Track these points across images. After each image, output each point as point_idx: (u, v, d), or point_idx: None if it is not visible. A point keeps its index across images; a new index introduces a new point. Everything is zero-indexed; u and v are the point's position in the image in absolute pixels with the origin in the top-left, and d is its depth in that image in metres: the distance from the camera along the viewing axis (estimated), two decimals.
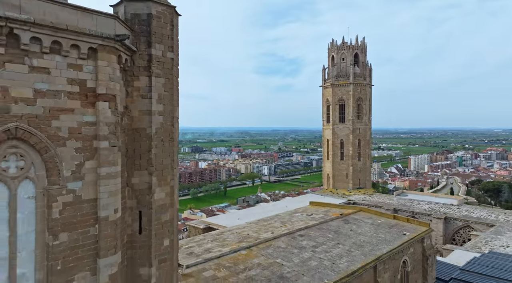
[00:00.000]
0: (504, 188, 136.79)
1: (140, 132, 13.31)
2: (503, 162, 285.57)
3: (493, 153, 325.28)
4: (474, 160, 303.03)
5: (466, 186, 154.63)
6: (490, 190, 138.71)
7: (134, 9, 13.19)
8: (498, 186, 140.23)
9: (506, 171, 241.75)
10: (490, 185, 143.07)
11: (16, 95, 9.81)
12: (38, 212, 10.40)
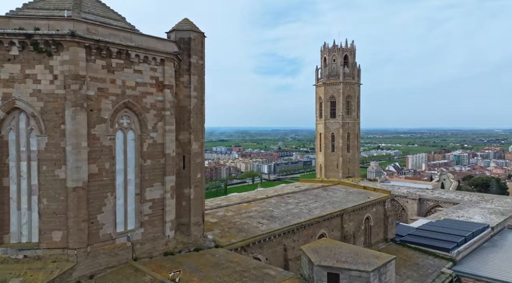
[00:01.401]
0: (492, 183, 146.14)
1: (184, 108, 22.77)
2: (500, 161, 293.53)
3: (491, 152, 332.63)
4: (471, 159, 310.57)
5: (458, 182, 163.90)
6: (479, 185, 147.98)
7: (181, 35, 22.67)
8: (486, 181, 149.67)
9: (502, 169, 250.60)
10: (479, 181, 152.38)
11: (128, 84, 19.30)
12: (136, 147, 19.89)
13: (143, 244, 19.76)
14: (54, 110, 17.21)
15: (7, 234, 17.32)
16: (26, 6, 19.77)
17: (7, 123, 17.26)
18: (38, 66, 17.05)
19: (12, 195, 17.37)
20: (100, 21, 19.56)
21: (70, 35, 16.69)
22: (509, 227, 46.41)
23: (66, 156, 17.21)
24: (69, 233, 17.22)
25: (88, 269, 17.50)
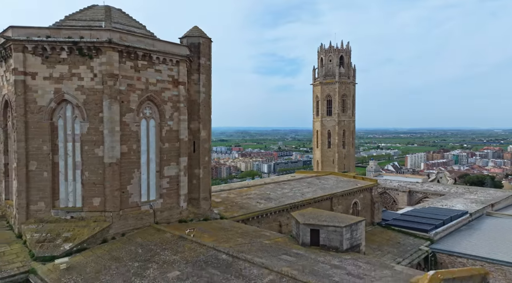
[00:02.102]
0: (487, 180, 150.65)
1: (194, 101, 27.43)
2: (498, 160, 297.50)
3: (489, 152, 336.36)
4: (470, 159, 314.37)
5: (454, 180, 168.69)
6: (474, 182, 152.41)
7: (192, 40, 27.34)
8: (481, 178, 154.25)
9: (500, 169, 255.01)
10: (474, 178, 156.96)
11: (150, 81, 23.98)
12: (156, 132, 24.57)
13: (162, 212, 24.46)
14: (94, 101, 21.90)
15: (57, 200, 22.01)
16: (68, 18, 24.48)
17: (57, 112, 21.95)
18: (82, 66, 21.74)
19: (61, 169, 22.06)
20: (126, 29, 24.24)
21: (107, 42, 21.38)
22: (487, 214, 51.04)
23: (104, 138, 21.90)
24: (106, 199, 21.91)
25: (121, 228, 22.18)
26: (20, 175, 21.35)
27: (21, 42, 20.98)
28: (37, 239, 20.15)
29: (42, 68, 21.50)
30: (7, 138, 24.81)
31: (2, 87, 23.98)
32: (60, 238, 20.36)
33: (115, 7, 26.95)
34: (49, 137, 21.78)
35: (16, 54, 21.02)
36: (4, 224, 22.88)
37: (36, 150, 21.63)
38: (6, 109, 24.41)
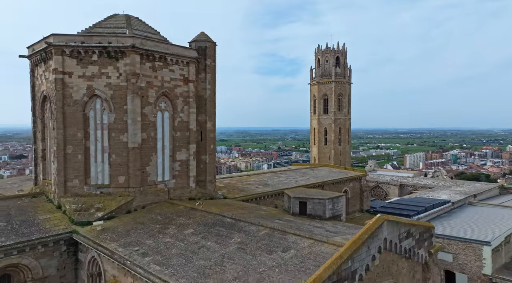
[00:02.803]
0: (482, 178, 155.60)
1: (201, 97, 32.06)
2: (496, 160, 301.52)
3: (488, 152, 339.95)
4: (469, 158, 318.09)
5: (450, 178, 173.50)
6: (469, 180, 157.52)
7: (199, 44, 31.98)
8: (476, 176, 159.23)
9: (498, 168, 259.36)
10: (470, 176, 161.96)
11: (165, 79, 28.64)
12: (170, 123, 29.22)
13: (175, 190, 29.10)
14: (119, 96, 26.55)
15: (89, 178, 26.65)
16: (95, 26, 29.14)
17: (89, 105, 26.60)
18: (109, 67, 26.39)
19: (92, 152, 26.70)
20: (144, 35, 28.89)
21: (131, 47, 26.04)
22: (469, 203, 55.64)
23: (127, 127, 26.53)
24: (129, 178, 26.55)
25: (141, 202, 26.82)
26: (59, 157, 25.99)
27: (61, 47, 25.64)
28: (74, 209, 24.81)
29: (77, 68, 26.15)
30: (44, 127, 29.48)
31: (41, 84, 28.66)
32: (93, 208, 25.01)
33: (133, 16, 31.63)
34: (82, 126, 26.43)
35: (56, 57, 25.67)
36: (44, 199, 27.48)
37: (71, 136, 26.28)
38: (43, 103, 29.08)
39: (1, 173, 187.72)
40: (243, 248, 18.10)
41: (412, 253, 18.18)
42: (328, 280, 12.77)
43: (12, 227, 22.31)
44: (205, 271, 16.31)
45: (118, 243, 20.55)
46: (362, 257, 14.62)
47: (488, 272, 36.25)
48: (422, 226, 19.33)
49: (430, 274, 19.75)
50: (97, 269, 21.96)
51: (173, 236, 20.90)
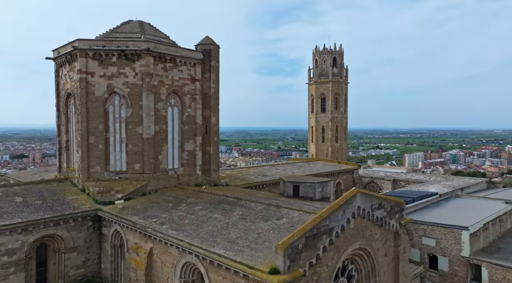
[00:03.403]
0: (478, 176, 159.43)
1: (206, 94, 36.04)
2: (495, 159, 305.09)
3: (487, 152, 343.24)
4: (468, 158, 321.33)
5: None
6: None
7: (204, 47, 35.97)
8: (473, 174, 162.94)
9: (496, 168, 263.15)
10: (466, 174, 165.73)
11: (175, 78, 32.65)
12: (179, 117, 33.26)
13: (183, 177, 33.08)
14: (135, 93, 30.53)
15: (108, 165, 30.64)
16: (112, 31, 33.14)
17: (109, 101, 30.60)
18: (127, 67, 30.38)
19: (111, 142, 30.68)
20: (156, 39, 32.87)
21: (146, 50, 30.04)
22: (456, 196, 59.61)
23: (142, 120, 30.51)
24: (144, 165, 30.53)
25: (154, 186, 30.80)
26: (83, 146, 29.98)
27: (85, 50, 29.65)
28: (97, 191, 28.80)
29: (98, 68, 30.16)
30: (67, 121, 33.47)
31: (65, 83, 32.67)
32: (113, 191, 29.00)
33: (145, 21, 35.65)
34: (103, 119, 30.43)
35: (81, 59, 29.67)
36: (69, 184, 31.42)
37: (93, 128, 30.27)
38: (67, 100, 33.07)
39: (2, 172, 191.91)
40: (244, 218, 22.07)
41: (384, 222, 22.07)
42: (309, 232, 16.68)
43: (47, 205, 26.31)
44: (213, 233, 20.29)
45: (138, 217, 24.54)
46: (338, 218, 18.52)
47: (466, 254, 40.23)
48: (393, 201, 23.29)
49: (401, 242, 23.66)
50: (119, 241, 25.94)
51: (184, 211, 24.88)
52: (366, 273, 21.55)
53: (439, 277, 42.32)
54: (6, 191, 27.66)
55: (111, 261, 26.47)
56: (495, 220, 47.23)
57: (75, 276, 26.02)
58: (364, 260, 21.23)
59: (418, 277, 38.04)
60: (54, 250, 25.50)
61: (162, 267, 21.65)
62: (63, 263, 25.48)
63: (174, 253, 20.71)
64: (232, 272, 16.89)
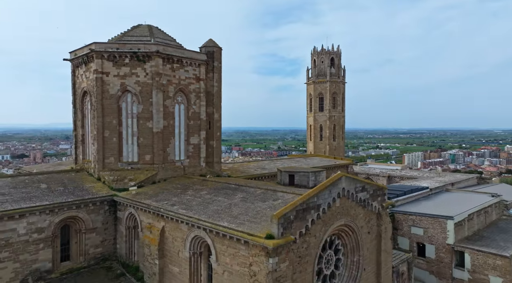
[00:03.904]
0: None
1: (209, 92, 39.39)
2: (494, 159, 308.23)
3: (486, 152, 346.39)
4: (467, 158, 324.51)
5: None
6: None
7: (208, 49, 39.35)
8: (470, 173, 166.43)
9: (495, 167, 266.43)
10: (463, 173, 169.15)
11: (181, 78, 36.01)
12: (185, 113, 36.68)
13: (188, 168, 36.44)
14: (146, 91, 33.88)
15: (121, 156, 33.98)
16: (124, 34, 36.51)
17: (122, 98, 33.94)
18: (138, 68, 33.72)
19: (124, 136, 34.03)
20: (164, 42, 36.22)
21: (156, 52, 33.39)
22: (446, 190, 62.95)
23: (152, 116, 33.85)
24: (154, 156, 33.87)
25: (163, 175, 34.15)
26: (98, 139, 33.32)
27: (100, 52, 33.01)
28: (112, 179, 32.16)
29: (112, 69, 33.50)
30: (83, 117, 36.82)
31: (81, 82, 36.03)
32: (126, 179, 32.35)
33: (154, 25, 39.00)
34: (116, 115, 33.77)
35: (97, 60, 33.03)
36: (85, 173, 34.74)
37: (108, 123, 33.62)
38: (83, 97, 36.43)
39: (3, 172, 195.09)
40: (244, 200, 25.41)
41: (367, 203, 25.36)
42: (299, 206, 19.99)
43: (68, 191, 29.67)
44: (218, 211, 23.64)
45: (151, 200, 27.91)
46: (325, 197, 21.81)
47: (451, 242, 43.60)
48: (376, 185, 26.59)
49: (383, 222, 26.96)
50: (133, 222, 29.28)
51: (192, 195, 28.23)
52: (351, 248, 24.90)
53: (426, 264, 45.78)
54: (32, 179, 31.04)
55: (126, 241, 29.81)
56: (480, 211, 50.65)
57: (94, 254, 29.37)
58: (349, 236, 24.57)
59: (405, 262, 41.08)
60: (76, 231, 28.84)
61: (173, 242, 24.99)
62: (83, 242, 28.83)
63: (184, 229, 24.05)
64: (235, 240, 20.23)
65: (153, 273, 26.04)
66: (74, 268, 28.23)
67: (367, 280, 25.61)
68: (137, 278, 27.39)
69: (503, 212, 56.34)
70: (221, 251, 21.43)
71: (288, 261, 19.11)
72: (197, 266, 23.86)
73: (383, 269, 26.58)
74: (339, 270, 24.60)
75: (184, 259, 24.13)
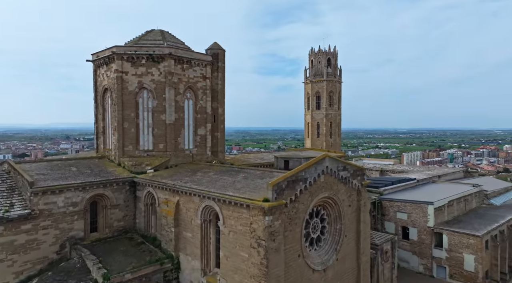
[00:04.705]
0: None
1: (214, 89, 44.87)
2: (492, 158, 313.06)
3: (485, 151, 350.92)
4: (465, 157, 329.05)
5: None
6: None
7: (213, 51, 44.85)
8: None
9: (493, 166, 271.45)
10: None
11: (190, 76, 41.48)
12: (193, 107, 42.30)
13: (196, 156, 41.90)
14: (160, 88, 39.32)
15: (138, 145, 39.43)
16: (140, 38, 41.98)
17: (139, 94, 39.39)
18: (153, 68, 39.16)
19: (141, 127, 39.48)
20: (175, 45, 41.63)
21: (168, 54, 38.85)
22: (433, 181, 68.40)
23: (165, 109, 39.29)
24: (167, 145, 39.30)
25: (175, 162, 39.59)
26: (119, 130, 38.75)
27: (121, 54, 38.47)
28: (131, 164, 37.61)
29: (131, 69, 38.96)
30: (104, 111, 42.28)
31: (102, 80, 41.51)
32: (143, 164, 37.79)
33: (165, 30, 44.44)
34: (134, 109, 39.22)
35: (117, 61, 38.49)
36: (107, 160, 40.17)
37: (127, 116, 39.06)
38: (104, 94, 41.89)
39: None
40: (246, 178, 30.82)
41: (348, 181, 30.72)
42: (290, 178, 25.39)
43: (95, 173, 35.14)
44: (224, 186, 29.08)
45: (166, 180, 33.35)
46: (311, 172, 27.19)
47: (431, 225, 49.10)
48: (356, 166, 31.98)
49: (362, 197, 32.30)
50: (150, 200, 34.69)
51: (201, 176, 33.67)
52: (334, 217, 30.32)
53: (410, 245, 51.39)
54: (63, 163, 36.55)
55: (144, 216, 35.24)
56: (460, 199, 56.30)
57: (117, 227, 34.83)
58: (332, 207, 30.00)
59: (389, 242, 46.54)
60: (102, 206, 34.29)
61: (186, 212, 30.43)
62: (108, 216, 34.29)
63: (196, 201, 29.48)
64: (238, 205, 25.66)
65: (169, 240, 31.48)
66: (101, 238, 33.69)
67: (348, 245, 31.02)
68: (155, 245, 32.82)
69: (483, 201, 61.93)
70: (227, 215, 26.85)
71: (281, 220, 24.51)
72: (207, 231, 29.28)
73: (362, 237, 31.96)
74: (325, 235, 30.00)
75: (196, 226, 29.57)
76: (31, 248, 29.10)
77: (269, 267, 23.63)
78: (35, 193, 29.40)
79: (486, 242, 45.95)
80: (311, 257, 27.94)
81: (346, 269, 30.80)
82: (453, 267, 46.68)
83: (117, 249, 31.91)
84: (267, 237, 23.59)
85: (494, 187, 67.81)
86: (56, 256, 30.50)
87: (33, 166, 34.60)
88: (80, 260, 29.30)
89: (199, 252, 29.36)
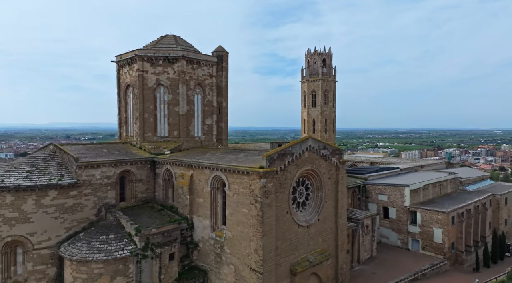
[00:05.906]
0: None
1: (219, 86, 53.21)
2: (489, 158, 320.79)
3: (483, 150, 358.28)
4: (463, 156, 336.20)
5: None
6: None
7: (218, 53, 53.25)
8: None
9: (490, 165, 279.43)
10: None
11: (199, 75, 49.88)
12: (201, 101, 50.71)
13: (204, 142, 50.25)
14: (174, 84, 47.64)
15: (156, 132, 47.78)
16: (156, 42, 50.31)
17: (157, 90, 47.69)
18: (169, 67, 47.50)
19: (158, 117, 47.86)
20: (186, 48, 49.92)
21: (182, 56, 47.18)
22: (415, 170, 76.64)
23: (179, 102, 47.61)
24: (180, 132, 47.63)
25: (186, 146, 47.90)
26: (140, 119, 47.07)
27: (142, 56, 46.81)
28: (151, 147, 45.94)
29: (150, 68, 47.29)
30: (126, 104, 50.61)
31: (125, 78, 49.88)
32: (161, 148, 46.13)
33: (177, 35, 52.77)
34: (152, 102, 47.56)
35: (139, 62, 46.84)
36: (129, 145, 48.46)
37: (147, 108, 47.39)
38: (126, 89, 50.22)
39: None
40: (246, 155, 39.09)
41: (328, 158, 38.96)
42: (280, 152, 33.65)
43: (122, 154, 43.53)
44: (229, 160, 37.38)
45: (181, 158, 41.66)
46: (297, 149, 35.43)
47: (407, 204, 57.48)
48: (335, 147, 40.29)
49: (340, 172, 40.53)
50: (168, 176, 42.95)
51: (209, 155, 41.99)
52: (317, 187, 38.61)
53: (389, 223, 59.66)
54: (95, 146, 44.98)
55: (162, 189, 43.53)
56: (436, 184, 64.67)
57: (140, 198, 43.15)
58: (315, 178, 38.29)
59: (370, 218, 54.80)
60: (129, 181, 42.61)
61: (198, 182, 38.73)
62: (134, 189, 42.60)
63: (206, 173, 37.78)
64: (241, 173, 33.95)
65: (185, 205, 39.82)
66: (128, 206, 42.03)
67: (328, 209, 39.34)
68: (172, 212, 41.14)
69: (458, 187, 70.25)
70: (231, 182, 35.14)
71: (273, 183, 32.78)
72: (215, 196, 37.59)
73: (339, 204, 40.29)
74: (309, 201, 38.30)
75: (206, 193, 37.87)
76: (77, 210, 37.43)
77: (264, 217, 31.89)
78: (80, 167, 37.74)
79: (452, 218, 54.29)
80: (297, 215, 36.27)
81: (326, 228, 39.13)
82: (425, 240, 55.02)
83: (143, 214, 40.24)
84: (262, 195, 31.84)
85: (470, 175, 76.18)
86: (95, 218, 38.82)
87: (73, 148, 43.03)
88: (115, 220, 37.65)
89: (209, 213, 37.67)
